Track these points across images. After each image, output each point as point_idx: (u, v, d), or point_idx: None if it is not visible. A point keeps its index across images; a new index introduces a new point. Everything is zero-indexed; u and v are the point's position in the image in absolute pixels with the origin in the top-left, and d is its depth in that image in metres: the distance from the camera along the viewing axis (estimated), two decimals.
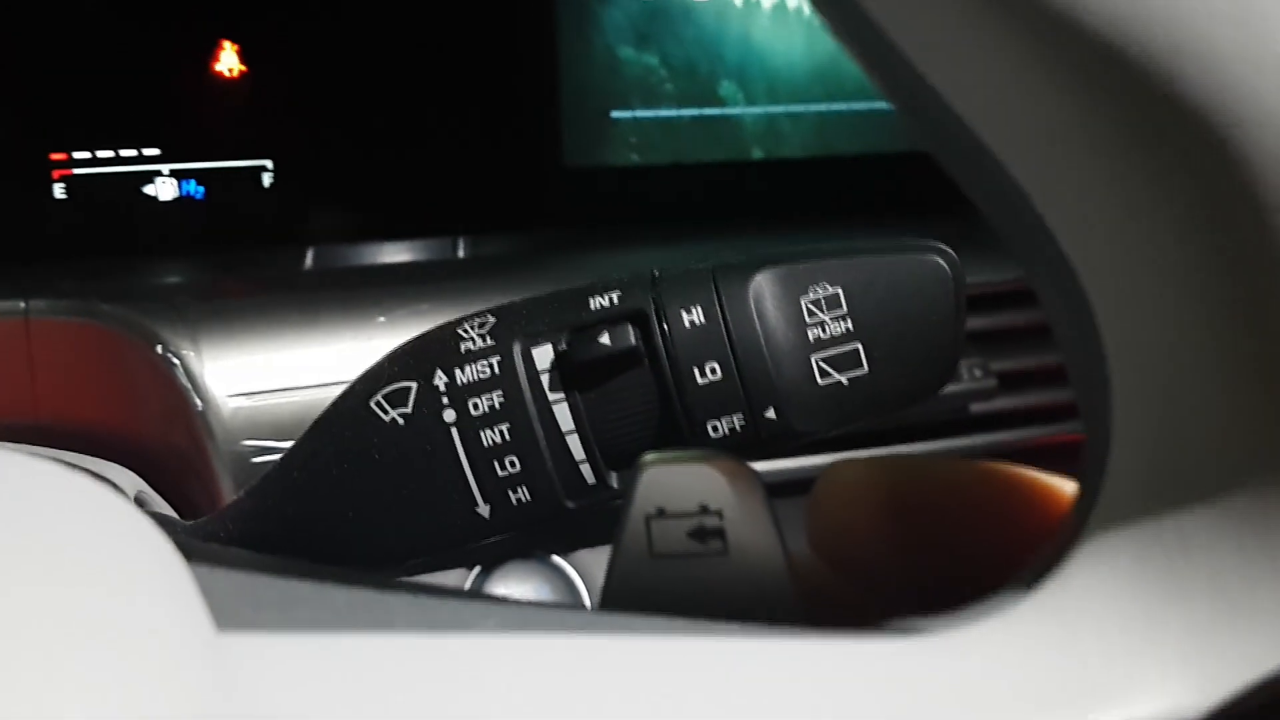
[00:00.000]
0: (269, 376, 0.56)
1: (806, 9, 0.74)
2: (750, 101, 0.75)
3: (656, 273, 0.30)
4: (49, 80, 0.63)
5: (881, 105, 0.76)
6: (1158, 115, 0.14)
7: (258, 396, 0.55)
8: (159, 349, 0.56)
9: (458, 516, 0.31)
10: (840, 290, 0.29)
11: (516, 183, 0.72)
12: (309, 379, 0.56)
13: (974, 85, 0.14)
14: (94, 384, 0.58)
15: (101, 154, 0.64)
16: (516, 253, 0.71)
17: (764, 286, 0.29)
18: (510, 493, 0.31)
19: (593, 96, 0.72)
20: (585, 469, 0.31)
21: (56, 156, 0.63)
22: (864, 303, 0.29)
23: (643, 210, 0.75)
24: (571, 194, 0.73)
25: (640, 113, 0.73)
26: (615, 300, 0.30)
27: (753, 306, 0.29)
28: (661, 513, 0.22)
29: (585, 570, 0.60)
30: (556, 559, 0.60)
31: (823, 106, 0.76)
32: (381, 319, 0.60)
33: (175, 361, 0.55)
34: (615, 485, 0.31)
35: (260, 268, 0.66)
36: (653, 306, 0.30)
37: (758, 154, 0.76)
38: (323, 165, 0.68)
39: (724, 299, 0.29)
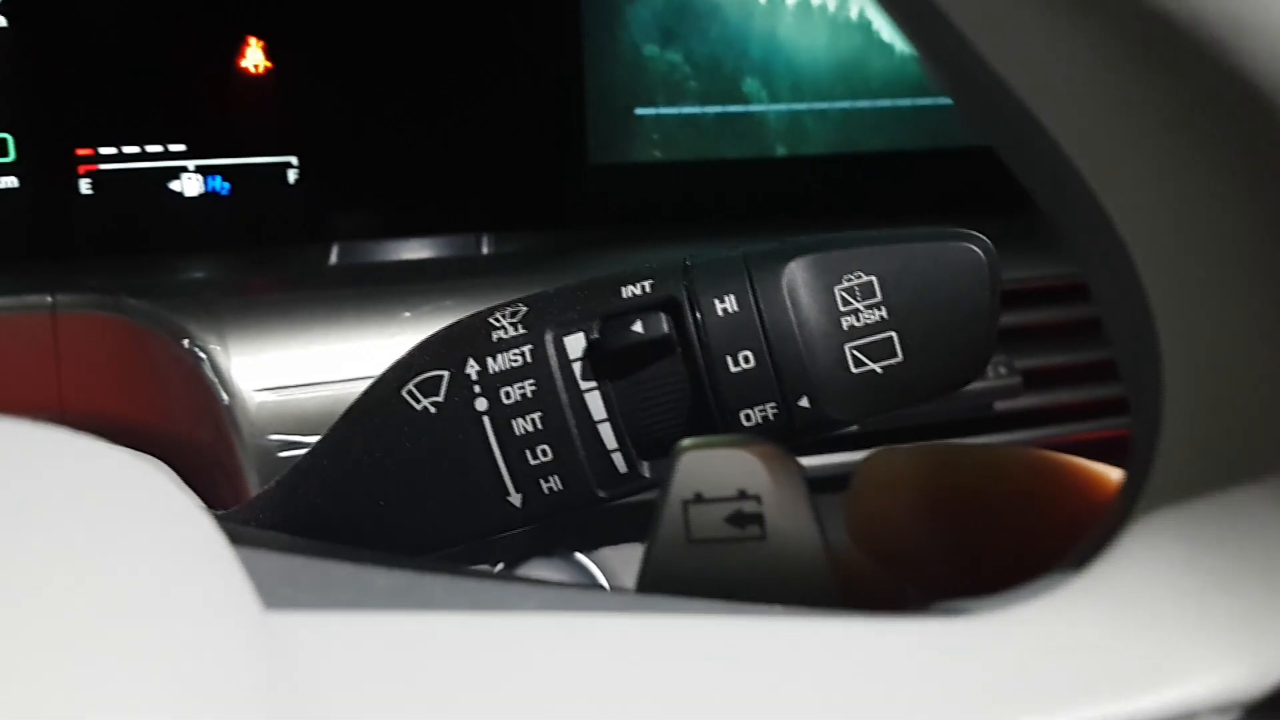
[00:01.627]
0: (294, 371, 0.56)
1: (831, 6, 0.74)
2: (774, 99, 0.74)
3: (689, 261, 0.30)
4: (75, 76, 0.63)
5: (905, 102, 0.76)
6: (1212, 87, 0.14)
7: (283, 391, 0.55)
8: (185, 343, 0.56)
9: (489, 506, 0.31)
10: (875, 278, 0.29)
11: (541, 179, 0.72)
12: (334, 374, 0.57)
13: (1026, 57, 0.14)
14: (120, 378, 0.58)
15: (128, 150, 0.64)
16: (540, 249, 0.71)
17: (797, 274, 0.29)
18: (542, 481, 0.31)
19: (617, 94, 0.72)
20: (617, 458, 0.30)
21: (83, 152, 0.64)
22: (899, 290, 0.29)
23: (666, 207, 0.75)
24: (595, 191, 0.73)
25: (664, 110, 0.73)
26: (648, 288, 0.30)
27: (786, 294, 0.29)
28: (699, 498, 0.22)
29: (608, 568, 0.60)
30: (579, 556, 0.60)
31: (846, 104, 0.75)
32: (406, 314, 0.60)
33: (201, 356, 0.56)
34: (647, 474, 0.31)
35: (286, 264, 0.66)
36: (685, 294, 0.29)
37: (781, 151, 0.75)
38: (348, 162, 0.68)
39: (757, 287, 0.29)
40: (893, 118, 0.76)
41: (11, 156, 0.62)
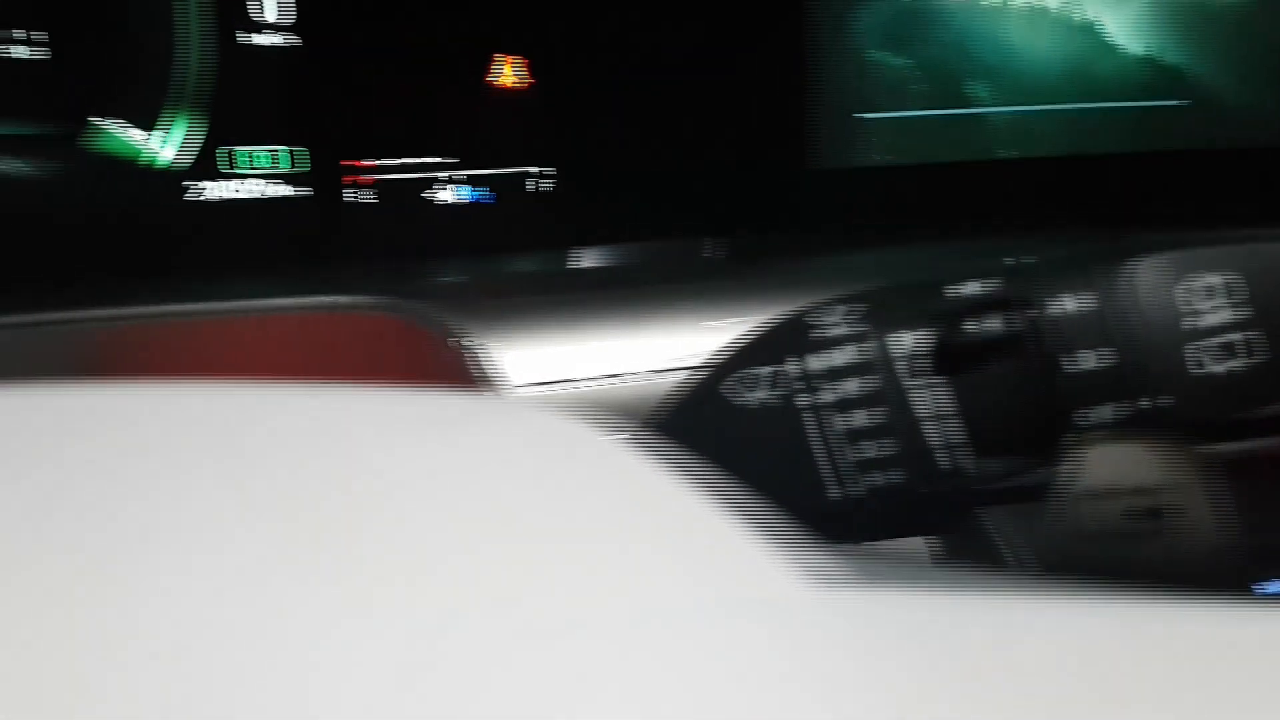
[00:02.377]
0: (555, 368, 0.59)
1: (1055, 8, 0.73)
2: (999, 101, 0.74)
3: (1029, 260, 0.31)
4: (347, 91, 0.67)
5: (1133, 104, 0.75)
6: None
7: (546, 387, 0.58)
8: (454, 340, 0.59)
9: (811, 499, 0.32)
10: (1223, 277, 0.29)
11: (765, 185, 0.74)
12: (591, 370, 0.59)
13: None
14: (392, 373, 0.62)
15: (394, 161, 0.68)
16: (766, 253, 0.73)
17: (1143, 273, 0.30)
18: (866, 476, 0.32)
19: (841, 99, 0.73)
20: (944, 454, 0.31)
21: (356, 163, 0.68)
22: (1250, 290, 0.29)
23: (891, 211, 0.75)
24: (819, 195, 0.74)
25: (888, 114, 0.74)
26: (987, 288, 0.31)
27: (1131, 293, 0.30)
28: (1098, 492, 0.23)
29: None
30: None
31: (1074, 106, 0.75)
32: (651, 315, 0.63)
33: (470, 352, 0.59)
34: (976, 471, 0.32)
35: (541, 266, 0.70)
36: (1027, 293, 0.30)
37: (1007, 154, 0.75)
38: (596, 172, 0.71)
39: (1101, 286, 0.30)
40: (1121, 120, 0.76)
41: (307, 167, 0.66)
